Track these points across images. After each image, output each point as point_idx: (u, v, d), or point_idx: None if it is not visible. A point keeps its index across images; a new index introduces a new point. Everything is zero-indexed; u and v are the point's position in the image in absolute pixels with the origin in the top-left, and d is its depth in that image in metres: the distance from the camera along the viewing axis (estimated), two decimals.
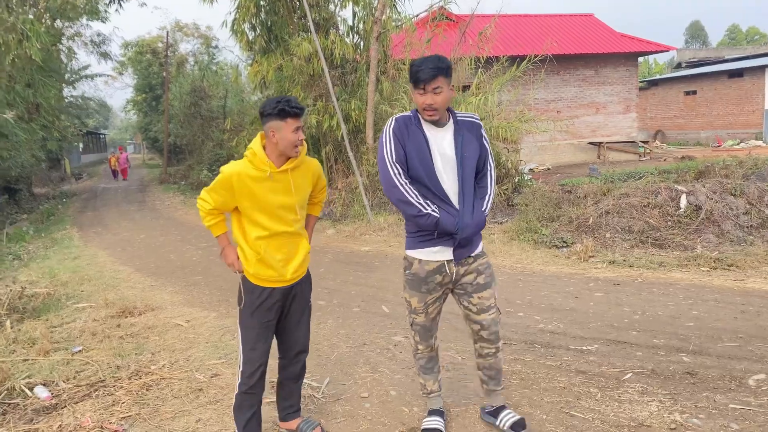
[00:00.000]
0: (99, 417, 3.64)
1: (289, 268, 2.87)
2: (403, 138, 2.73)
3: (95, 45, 28.98)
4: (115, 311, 5.98)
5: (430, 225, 2.70)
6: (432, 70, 2.62)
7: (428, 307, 2.91)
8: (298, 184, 2.85)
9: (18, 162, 17.18)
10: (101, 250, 10.07)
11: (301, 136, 2.74)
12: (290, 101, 2.68)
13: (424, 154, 2.70)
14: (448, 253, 2.79)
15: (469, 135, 2.79)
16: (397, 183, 2.71)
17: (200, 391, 3.93)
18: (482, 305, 2.87)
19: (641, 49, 22.91)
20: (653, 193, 8.51)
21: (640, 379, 3.70)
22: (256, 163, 2.75)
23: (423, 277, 2.84)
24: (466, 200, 2.74)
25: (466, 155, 2.74)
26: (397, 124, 2.77)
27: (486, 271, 2.89)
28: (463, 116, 2.85)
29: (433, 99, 2.66)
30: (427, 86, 2.65)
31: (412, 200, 2.68)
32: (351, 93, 13.87)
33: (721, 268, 6.37)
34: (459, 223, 2.70)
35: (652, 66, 54.84)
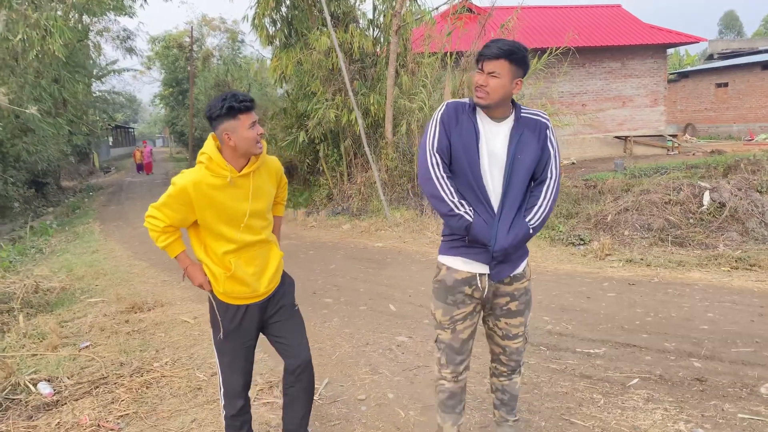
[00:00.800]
0: (97, 415, 3.64)
1: (262, 280, 2.63)
2: (450, 126, 2.40)
3: (121, 40, 29.38)
4: (125, 306, 6.01)
5: (460, 228, 2.36)
6: (498, 50, 2.27)
7: (455, 323, 2.50)
8: (262, 187, 2.58)
9: (44, 156, 17.50)
10: (119, 245, 10.18)
11: (260, 130, 2.46)
12: (236, 96, 2.39)
13: (471, 147, 2.36)
14: (482, 267, 2.42)
15: (529, 134, 2.39)
16: (433, 175, 2.38)
17: (199, 390, 3.91)
18: (508, 332, 2.55)
19: (670, 40, 22.39)
20: (675, 190, 8.28)
21: (646, 385, 3.57)
22: (213, 168, 2.45)
23: (450, 286, 2.47)
24: (506, 209, 2.35)
25: (520, 157, 2.36)
26: (447, 109, 2.44)
27: (521, 297, 2.52)
28: (528, 112, 2.46)
29: (486, 80, 2.31)
30: (485, 65, 2.30)
31: (445, 196, 2.36)
32: (370, 87, 13.78)
33: (743, 268, 6.16)
34: (494, 233, 2.33)
35: (683, 57, 53.54)
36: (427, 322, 4.98)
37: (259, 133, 2.45)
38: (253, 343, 2.72)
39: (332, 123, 13.10)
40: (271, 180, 2.66)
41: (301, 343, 2.76)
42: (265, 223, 2.65)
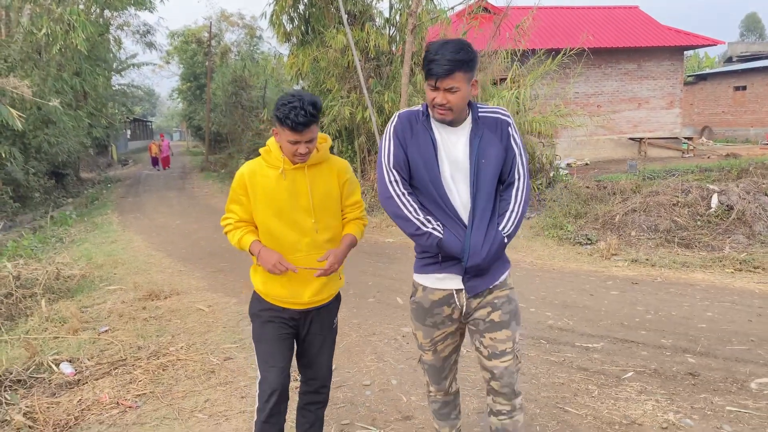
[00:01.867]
0: (116, 393, 3.86)
1: (307, 290, 2.47)
2: (405, 138, 2.24)
3: (141, 35, 29.77)
4: (142, 294, 6.24)
5: (431, 246, 2.20)
6: (449, 63, 2.09)
7: (436, 345, 2.38)
8: (316, 184, 2.44)
9: (65, 148, 17.85)
10: (137, 235, 10.44)
11: (303, 150, 2.33)
12: (295, 110, 2.23)
13: (430, 158, 2.20)
14: (457, 282, 2.25)
15: (490, 135, 2.24)
16: (393, 193, 2.22)
17: (212, 373, 4.11)
18: (494, 349, 2.27)
19: (687, 42, 22.30)
20: (684, 192, 8.36)
21: (641, 378, 3.71)
22: (270, 159, 2.44)
23: (427, 308, 2.32)
24: (477, 218, 2.19)
25: (484, 161, 2.21)
26: (400, 121, 2.28)
27: (504, 306, 2.28)
28: (486, 111, 2.29)
29: (445, 98, 2.14)
30: (439, 83, 2.12)
31: (410, 215, 2.20)
32: (385, 85, 13.95)
33: (746, 270, 6.25)
34: (466, 247, 2.17)
35: (702, 59, 53.10)
36: None
37: (299, 152, 2.33)
38: (290, 339, 2.57)
39: (347, 120, 13.29)
40: (332, 180, 2.49)
41: (327, 365, 2.66)
42: (316, 224, 2.46)
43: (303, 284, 2.47)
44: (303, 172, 2.43)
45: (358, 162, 13.93)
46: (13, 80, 11.22)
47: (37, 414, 3.59)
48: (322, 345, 2.62)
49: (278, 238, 2.44)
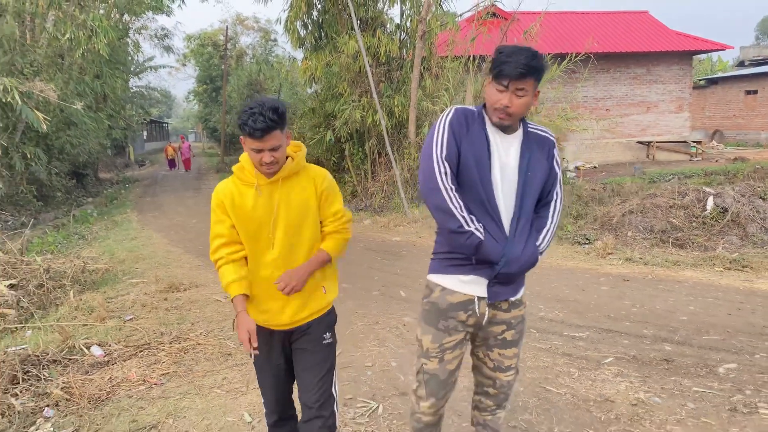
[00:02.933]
0: (143, 372, 4.27)
1: (286, 310, 2.39)
2: (460, 134, 2.19)
3: (159, 38, 30.37)
4: (163, 287, 6.66)
5: (469, 247, 2.14)
6: (524, 67, 2.07)
7: (444, 353, 2.30)
8: (292, 196, 2.34)
9: (86, 149, 18.43)
10: (156, 233, 10.90)
11: (267, 159, 2.22)
12: (254, 116, 2.14)
13: (483, 159, 2.16)
14: (482, 288, 2.22)
15: (539, 152, 2.24)
16: (441, 185, 2.15)
17: (229, 356, 4.51)
18: (501, 363, 2.33)
19: (696, 47, 22.47)
20: (680, 194, 8.66)
21: (619, 363, 4.06)
22: (243, 176, 2.34)
23: (443, 309, 2.26)
24: (520, 228, 2.18)
25: (531, 174, 2.20)
26: (456, 115, 2.23)
27: (518, 326, 2.33)
28: (534, 128, 2.30)
29: (511, 101, 2.11)
30: (511, 84, 2.09)
31: (455, 210, 2.13)
32: (395, 89, 14.33)
33: (735, 269, 6.55)
34: (506, 253, 2.14)
35: (715, 63, 52.98)
36: None
37: (264, 161, 2.23)
38: (282, 366, 2.51)
39: (358, 123, 13.68)
40: (308, 189, 2.37)
41: (316, 386, 2.43)
42: (298, 241, 2.37)
43: (280, 306, 2.38)
44: (276, 185, 2.32)
45: (368, 164, 14.32)
46: (39, 84, 11.74)
47: (72, 389, 4.01)
48: (309, 361, 2.44)
49: (257, 256, 2.37)
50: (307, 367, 2.44)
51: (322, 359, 2.46)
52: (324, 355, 2.47)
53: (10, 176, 13.88)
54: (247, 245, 2.38)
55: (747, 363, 3.98)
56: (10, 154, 13.18)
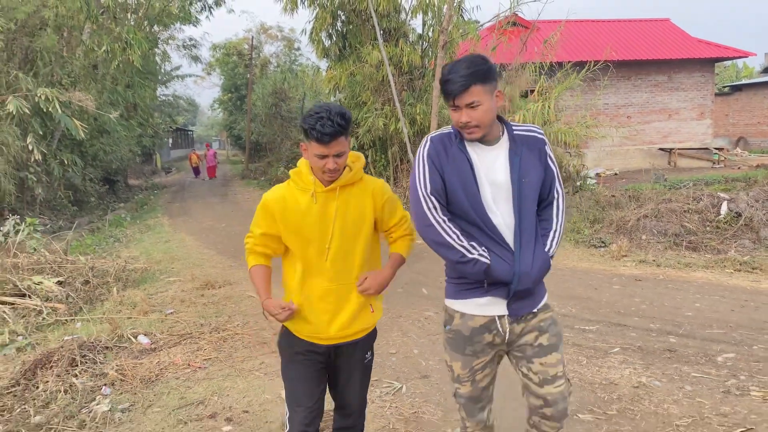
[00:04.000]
0: (187, 358, 4.69)
1: (333, 324, 2.34)
2: (440, 163, 2.15)
3: (187, 48, 31.19)
4: (199, 284, 7.11)
5: (477, 273, 2.11)
6: (463, 78, 2.03)
7: (475, 374, 2.27)
8: (349, 206, 2.31)
9: (118, 156, 19.13)
10: (188, 236, 11.41)
11: (329, 165, 2.20)
12: (322, 121, 2.13)
13: (469, 181, 2.12)
14: (501, 307, 2.17)
15: (529, 154, 2.18)
16: (433, 220, 2.13)
17: (265, 344, 4.92)
18: (546, 374, 2.20)
19: (718, 54, 22.53)
20: (695, 200, 8.91)
21: (625, 352, 4.38)
22: (300, 182, 2.32)
23: (467, 336, 2.21)
24: (525, 240, 2.13)
25: (526, 180, 2.14)
26: (432, 145, 2.18)
27: (551, 328, 2.24)
28: (521, 129, 2.23)
29: (469, 116, 2.07)
30: (457, 101, 2.07)
31: (453, 242, 2.11)
32: (418, 98, 14.75)
33: (745, 271, 6.80)
34: (516, 271, 2.10)
35: (740, 70, 52.50)
36: None
37: (328, 167, 2.21)
38: (319, 377, 2.45)
39: (380, 131, 14.11)
40: (367, 202, 2.35)
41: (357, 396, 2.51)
42: (352, 252, 2.35)
43: (328, 318, 2.34)
44: (334, 194, 2.29)
45: (390, 171, 14.73)
46: (78, 94, 12.36)
47: (125, 371, 4.44)
48: (350, 376, 2.47)
49: (307, 264, 2.35)
50: (348, 381, 2.46)
51: (363, 374, 2.50)
52: (364, 373, 2.51)
53: (48, 182, 14.53)
54: (297, 252, 2.35)
55: (745, 353, 4.27)
56: (48, 161, 13.82)
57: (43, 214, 14.20)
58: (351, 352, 2.43)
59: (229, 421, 3.59)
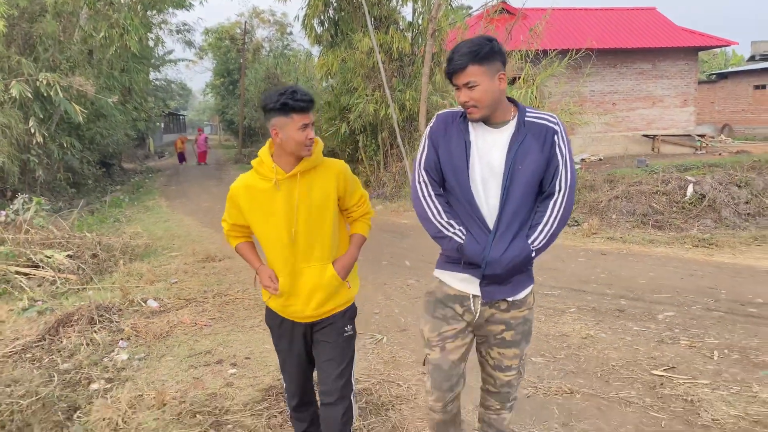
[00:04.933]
0: (193, 318, 5.26)
1: (310, 303, 2.43)
2: (437, 139, 2.21)
3: (180, 33, 31.41)
4: (200, 258, 7.67)
5: (452, 250, 2.19)
6: (461, 58, 2.06)
7: (445, 341, 2.28)
8: (311, 191, 2.37)
9: (114, 140, 19.56)
10: (186, 216, 11.94)
11: (311, 135, 2.27)
12: (295, 93, 2.22)
13: (460, 161, 2.15)
14: (475, 287, 2.21)
15: (532, 142, 2.13)
16: (420, 194, 2.23)
17: (261, 307, 5.45)
18: (500, 362, 2.31)
19: (702, 43, 23.07)
20: (664, 182, 9.52)
21: (580, 312, 4.99)
22: (262, 171, 2.37)
23: (439, 299, 2.30)
24: (503, 226, 2.12)
25: (520, 167, 2.11)
26: (436, 122, 2.25)
27: (519, 327, 2.27)
28: (534, 116, 2.19)
29: (467, 96, 2.09)
30: (456, 79, 2.10)
31: (432, 217, 2.19)
32: (407, 84, 15.25)
33: (702, 246, 7.43)
34: (486, 255, 2.11)
35: (729, 58, 53.10)
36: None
37: (309, 137, 2.27)
38: (304, 356, 2.58)
39: (371, 116, 14.61)
40: (329, 184, 2.40)
41: (335, 375, 2.49)
42: (319, 235, 2.42)
43: (305, 298, 2.42)
44: (295, 180, 2.34)
45: (381, 155, 15.26)
46: (78, 79, 12.79)
47: (139, 328, 5.01)
48: (330, 353, 2.51)
49: (277, 250, 2.41)
50: (327, 359, 2.50)
51: (342, 351, 2.52)
52: (344, 347, 2.54)
53: (49, 164, 14.98)
54: (265, 239, 2.43)
55: (683, 312, 4.89)
56: (47, 144, 14.26)
57: (43, 195, 14.65)
58: (330, 328, 2.50)
59: (233, 366, 4.17)
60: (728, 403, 3.31)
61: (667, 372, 3.74)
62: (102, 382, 4.04)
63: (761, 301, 5.15)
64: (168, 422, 3.42)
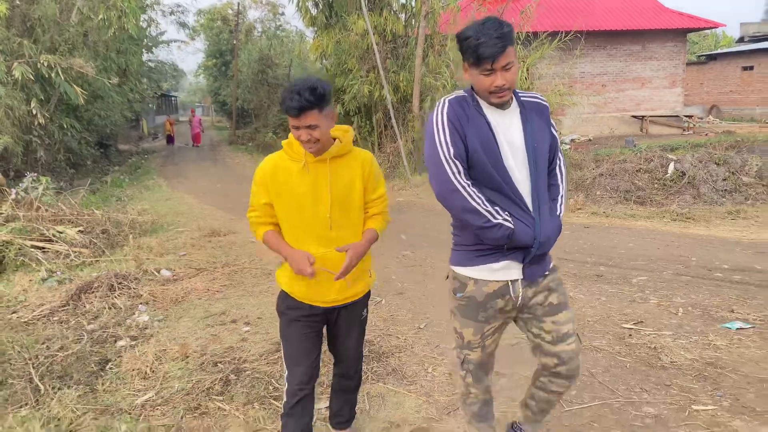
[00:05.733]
0: (205, 285, 5.68)
1: (331, 289, 2.44)
2: (462, 125, 2.12)
3: (173, 14, 31.42)
4: (206, 233, 8.07)
5: (501, 239, 2.10)
6: (499, 40, 2.00)
7: (485, 340, 2.30)
8: (338, 177, 2.40)
9: (111, 121, 19.80)
10: (187, 195, 12.31)
11: (304, 137, 2.27)
12: (294, 96, 2.20)
13: (490, 142, 2.11)
14: (516, 272, 2.18)
15: (538, 120, 2.20)
16: (458, 185, 2.12)
17: (268, 275, 5.93)
18: (558, 332, 2.23)
19: (690, 25, 23.45)
20: (647, 160, 9.97)
21: (562, 277, 5.43)
22: (291, 153, 2.40)
23: (481, 302, 2.23)
24: (542, 203, 2.15)
25: (538, 145, 2.15)
26: (451, 107, 2.16)
27: (559, 288, 2.29)
28: (527, 96, 2.26)
29: (504, 78, 2.05)
30: (495, 63, 2.03)
31: (478, 206, 2.10)
32: (401, 65, 15.56)
33: (680, 220, 7.89)
34: (538, 235, 2.11)
35: (720, 39, 53.43)
36: (426, 244, 6.90)
37: (302, 139, 2.28)
38: (316, 338, 2.57)
39: (365, 97, 14.95)
40: (355, 173, 2.44)
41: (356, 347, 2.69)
42: (345, 222, 2.44)
43: (328, 283, 2.42)
44: (325, 164, 2.38)
45: (375, 136, 15.62)
46: (79, 60, 13.05)
47: (156, 294, 5.43)
48: (348, 333, 2.63)
49: (298, 233, 2.43)
50: (346, 337, 2.62)
51: (359, 333, 2.67)
52: (360, 329, 2.68)
53: (49, 145, 15.25)
54: (287, 221, 2.44)
55: (656, 277, 5.35)
56: (47, 125, 14.52)
57: (44, 175, 14.96)
58: (348, 312, 2.56)
59: (247, 324, 4.61)
60: (686, 349, 3.77)
61: (636, 326, 4.21)
62: (127, 339, 4.46)
63: (727, 267, 5.61)
64: (192, 371, 3.85)
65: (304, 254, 2.34)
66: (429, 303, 4.92)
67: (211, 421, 3.23)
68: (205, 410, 3.35)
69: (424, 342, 4.14)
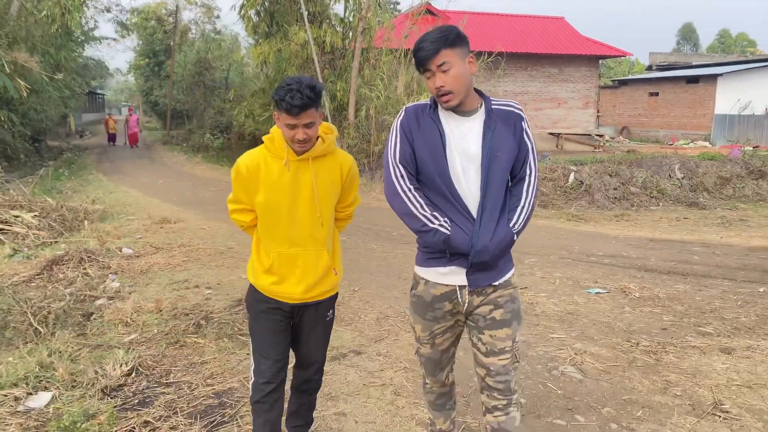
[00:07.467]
0: (165, 260, 6.51)
1: (300, 285, 2.45)
2: (411, 132, 2.23)
3: (109, 11, 31.21)
4: (156, 220, 8.82)
5: (438, 243, 2.17)
6: (433, 43, 2.11)
7: (435, 338, 2.38)
8: (320, 177, 2.41)
9: (47, 116, 19.82)
10: (131, 189, 12.87)
11: (300, 136, 2.27)
12: (294, 96, 2.19)
13: (437, 150, 2.18)
14: (461, 278, 2.22)
15: (503, 128, 2.20)
16: (399, 189, 2.21)
17: (222, 253, 6.82)
18: (493, 346, 2.25)
19: (603, 52, 25.71)
20: (552, 170, 11.42)
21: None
22: (273, 149, 2.39)
23: (428, 302, 2.31)
24: (486, 213, 2.16)
25: (498, 154, 2.17)
26: (406, 115, 2.27)
27: (507, 305, 2.26)
28: (499, 104, 2.27)
29: (442, 80, 2.12)
30: (429, 64, 2.13)
31: (416, 210, 2.18)
32: (338, 76, 16.58)
33: (574, 220, 9.30)
34: (475, 243, 2.13)
35: (634, 65, 57.52)
36: (358, 236, 7.94)
37: (297, 138, 2.28)
38: (285, 331, 2.56)
39: None
40: (335, 175, 2.46)
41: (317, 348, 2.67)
42: (320, 222, 2.43)
43: (296, 281, 2.44)
44: (307, 164, 2.38)
45: None
46: (23, 55, 13.36)
47: (123, 267, 6.21)
48: (311, 333, 2.61)
49: (277, 232, 2.43)
50: (309, 335, 2.60)
51: (324, 330, 2.65)
52: (325, 330, 2.65)
53: None
54: (265, 217, 2.43)
55: (543, 259, 6.63)
56: None
57: None
58: (314, 311, 2.55)
59: (209, 288, 5.51)
60: (555, 304, 5.00)
61: (521, 290, 5.40)
62: (105, 299, 5.26)
63: (601, 254, 6.96)
64: (167, 320, 4.73)
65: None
66: (362, 273, 5.96)
67: (190, 351, 4.14)
68: (184, 344, 4.25)
69: (358, 299, 5.19)
